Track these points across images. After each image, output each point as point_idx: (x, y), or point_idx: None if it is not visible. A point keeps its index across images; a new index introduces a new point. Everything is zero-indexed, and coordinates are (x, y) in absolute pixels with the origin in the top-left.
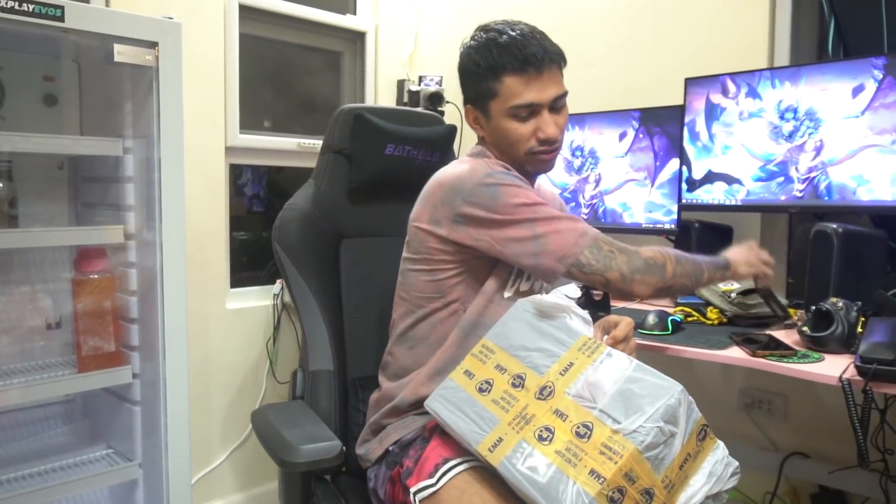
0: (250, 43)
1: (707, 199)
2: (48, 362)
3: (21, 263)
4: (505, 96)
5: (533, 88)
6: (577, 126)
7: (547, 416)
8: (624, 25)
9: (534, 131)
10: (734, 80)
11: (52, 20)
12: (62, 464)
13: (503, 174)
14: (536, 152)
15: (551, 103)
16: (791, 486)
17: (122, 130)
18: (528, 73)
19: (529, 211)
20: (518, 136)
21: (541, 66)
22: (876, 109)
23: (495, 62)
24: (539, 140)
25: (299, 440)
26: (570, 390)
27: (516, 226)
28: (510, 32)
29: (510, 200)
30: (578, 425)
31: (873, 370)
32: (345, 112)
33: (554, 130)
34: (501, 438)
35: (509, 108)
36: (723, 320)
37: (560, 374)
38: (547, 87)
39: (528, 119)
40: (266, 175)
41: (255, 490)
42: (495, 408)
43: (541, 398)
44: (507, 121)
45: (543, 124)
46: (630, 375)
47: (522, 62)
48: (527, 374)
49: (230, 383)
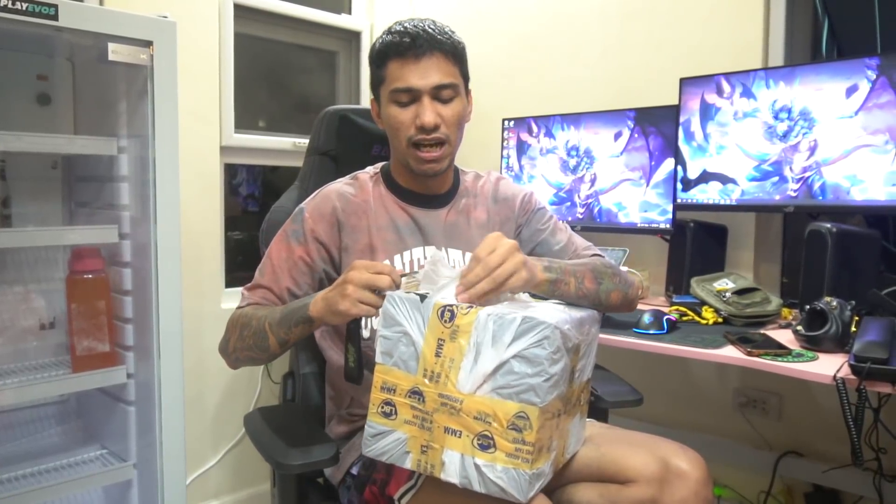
0: (245, 42)
1: (702, 198)
2: (42, 362)
3: (14, 263)
4: (388, 81)
5: (412, 73)
6: (572, 126)
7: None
8: (619, 25)
9: (413, 118)
10: (729, 80)
11: (46, 19)
12: (56, 464)
13: (297, 215)
14: (416, 142)
15: (433, 91)
16: (785, 484)
17: (117, 130)
18: (407, 57)
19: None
20: (399, 122)
21: (420, 51)
22: (870, 109)
23: (382, 49)
24: (417, 127)
25: (294, 443)
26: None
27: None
28: (406, 23)
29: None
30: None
31: (867, 369)
32: (330, 113)
33: (431, 118)
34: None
35: (390, 93)
36: (718, 320)
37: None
38: (428, 74)
39: (409, 105)
40: (261, 175)
41: (250, 490)
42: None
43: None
44: (390, 106)
45: (421, 110)
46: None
47: (401, 47)
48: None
49: (225, 384)
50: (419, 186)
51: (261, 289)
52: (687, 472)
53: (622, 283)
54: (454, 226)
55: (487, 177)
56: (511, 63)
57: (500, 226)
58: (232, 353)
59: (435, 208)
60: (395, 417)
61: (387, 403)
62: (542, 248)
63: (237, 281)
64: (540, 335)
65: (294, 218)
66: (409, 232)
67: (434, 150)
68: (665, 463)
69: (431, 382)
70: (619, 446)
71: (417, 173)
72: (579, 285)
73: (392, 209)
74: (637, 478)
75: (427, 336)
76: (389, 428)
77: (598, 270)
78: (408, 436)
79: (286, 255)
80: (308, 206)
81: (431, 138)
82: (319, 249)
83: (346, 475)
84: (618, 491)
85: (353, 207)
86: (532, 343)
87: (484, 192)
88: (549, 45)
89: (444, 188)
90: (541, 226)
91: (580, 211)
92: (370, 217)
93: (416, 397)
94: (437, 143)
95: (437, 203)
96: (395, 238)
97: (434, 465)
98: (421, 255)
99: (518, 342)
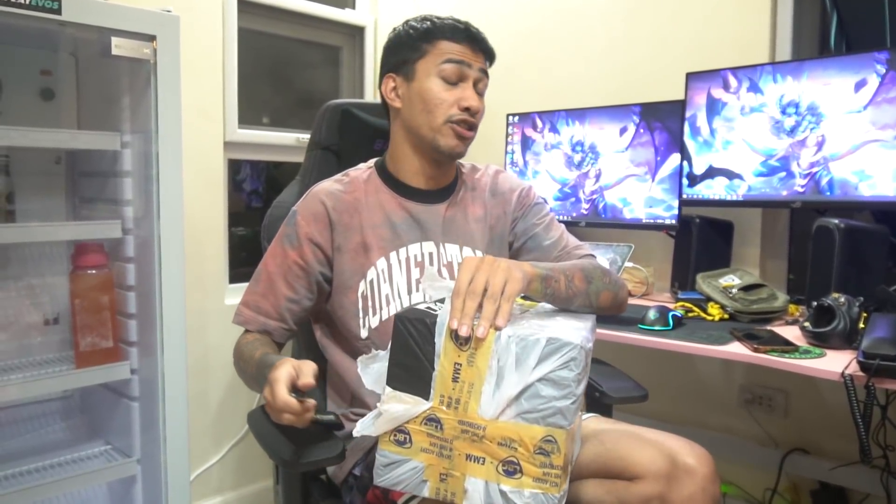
0: (249, 37)
1: (708, 194)
2: (46, 358)
3: (18, 259)
4: (436, 54)
5: (467, 54)
6: (577, 121)
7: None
8: (624, 19)
9: (457, 100)
10: (735, 75)
11: (49, 13)
12: (60, 460)
13: (290, 218)
14: (456, 121)
15: (476, 79)
16: (791, 482)
17: (120, 125)
18: (463, 43)
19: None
20: (441, 99)
21: (475, 44)
22: (878, 104)
23: (431, 30)
24: (461, 108)
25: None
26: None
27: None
28: (452, 19)
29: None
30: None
31: (876, 366)
32: (331, 108)
33: (477, 103)
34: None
35: (440, 63)
36: (724, 316)
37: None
38: (478, 61)
39: (455, 85)
40: (264, 170)
41: (254, 486)
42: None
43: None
44: (434, 80)
45: (469, 94)
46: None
47: (459, 32)
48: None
49: (228, 379)
50: (420, 180)
51: (258, 315)
52: (695, 468)
53: (612, 284)
54: (452, 220)
55: (485, 170)
56: (515, 58)
57: (495, 220)
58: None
59: (434, 203)
60: (410, 446)
61: (400, 431)
62: (534, 241)
63: (240, 277)
64: (566, 357)
65: (288, 221)
66: (407, 228)
67: (470, 133)
68: (672, 459)
69: (450, 409)
70: (625, 442)
71: (442, 151)
72: (569, 283)
73: (388, 205)
74: (644, 474)
75: (442, 361)
76: (404, 457)
77: (587, 270)
78: (424, 464)
79: (280, 261)
80: (300, 208)
81: (470, 122)
82: (315, 251)
83: (349, 476)
84: (625, 487)
85: (345, 206)
86: (558, 365)
87: (481, 185)
88: (553, 40)
89: (446, 182)
90: (536, 220)
91: (585, 207)
92: (363, 215)
93: (433, 424)
94: (472, 127)
95: (437, 198)
96: (390, 235)
97: (455, 493)
98: (418, 251)
99: (543, 365)
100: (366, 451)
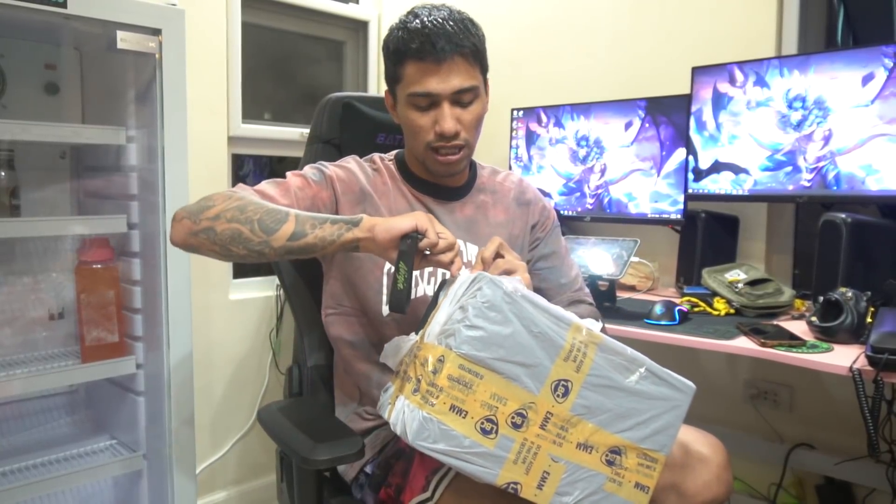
0: (252, 32)
1: (713, 188)
2: (51, 353)
3: (23, 253)
4: (405, 83)
5: (432, 78)
6: (582, 115)
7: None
8: (630, 13)
9: (433, 124)
10: (742, 69)
11: (55, 6)
12: (66, 454)
13: (317, 166)
14: (435, 147)
15: (453, 96)
16: (797, 477)
17: (125, 119)
18: (427, 61)
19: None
20: (417, 126)
21: (441, 56)
22: (886, 98)
23: (400, 47)
24: (437, 133)
25: (319, 437)
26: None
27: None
28: (423, 17)
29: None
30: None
31: (884, 360)
32: (332, 101)
33: (451, 125)
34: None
35: (408, 96)
36: (730, 311)
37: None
38: (448, 79)
39: (428, 110)
40: (268, 165)
41: (260, 481)
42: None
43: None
44: (408, 109)
45: (441, 117)
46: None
47: (422, 50)
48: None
49: (233, 374)
50: (434, 178)
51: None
52: (708, 456)
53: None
54: (472, 221)
55: (509, 176)
56: (520, 52)
57: (517, 229)
58: (204, 220)
59: (449, 200)
60: (495, 436)
61: (489, 420)
62: (551, 273)
63: (245, 272)
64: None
65: (314, 166)
66: None
67: (453, 155)
68: (686, 448)
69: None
70: None
71: (434, 173)
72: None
73: (408, 197)
74: None
75: (557, 363)
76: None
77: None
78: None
79: (301, 185)
80: (331, 165)
81: (451, 146)
82: (332, 199)
83: (360, 473)
84: None
85: (377, 185)
86: (469, 294)
87: (504, 189)
88: (558, 34)
89: (460, 182)
90: (558, 248)
91: (590, 201)
92: (389, 200)
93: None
94: (457, 148)
95: (452, 195)
96: None
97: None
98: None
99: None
100: (378, 449)
